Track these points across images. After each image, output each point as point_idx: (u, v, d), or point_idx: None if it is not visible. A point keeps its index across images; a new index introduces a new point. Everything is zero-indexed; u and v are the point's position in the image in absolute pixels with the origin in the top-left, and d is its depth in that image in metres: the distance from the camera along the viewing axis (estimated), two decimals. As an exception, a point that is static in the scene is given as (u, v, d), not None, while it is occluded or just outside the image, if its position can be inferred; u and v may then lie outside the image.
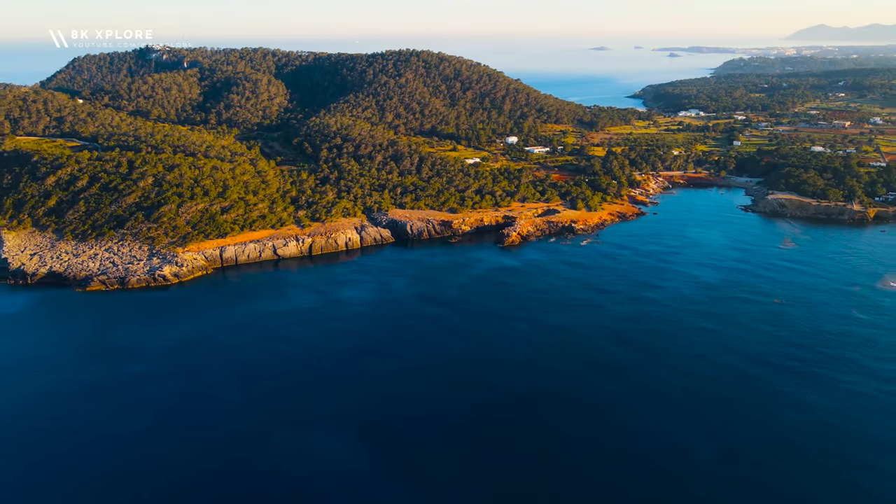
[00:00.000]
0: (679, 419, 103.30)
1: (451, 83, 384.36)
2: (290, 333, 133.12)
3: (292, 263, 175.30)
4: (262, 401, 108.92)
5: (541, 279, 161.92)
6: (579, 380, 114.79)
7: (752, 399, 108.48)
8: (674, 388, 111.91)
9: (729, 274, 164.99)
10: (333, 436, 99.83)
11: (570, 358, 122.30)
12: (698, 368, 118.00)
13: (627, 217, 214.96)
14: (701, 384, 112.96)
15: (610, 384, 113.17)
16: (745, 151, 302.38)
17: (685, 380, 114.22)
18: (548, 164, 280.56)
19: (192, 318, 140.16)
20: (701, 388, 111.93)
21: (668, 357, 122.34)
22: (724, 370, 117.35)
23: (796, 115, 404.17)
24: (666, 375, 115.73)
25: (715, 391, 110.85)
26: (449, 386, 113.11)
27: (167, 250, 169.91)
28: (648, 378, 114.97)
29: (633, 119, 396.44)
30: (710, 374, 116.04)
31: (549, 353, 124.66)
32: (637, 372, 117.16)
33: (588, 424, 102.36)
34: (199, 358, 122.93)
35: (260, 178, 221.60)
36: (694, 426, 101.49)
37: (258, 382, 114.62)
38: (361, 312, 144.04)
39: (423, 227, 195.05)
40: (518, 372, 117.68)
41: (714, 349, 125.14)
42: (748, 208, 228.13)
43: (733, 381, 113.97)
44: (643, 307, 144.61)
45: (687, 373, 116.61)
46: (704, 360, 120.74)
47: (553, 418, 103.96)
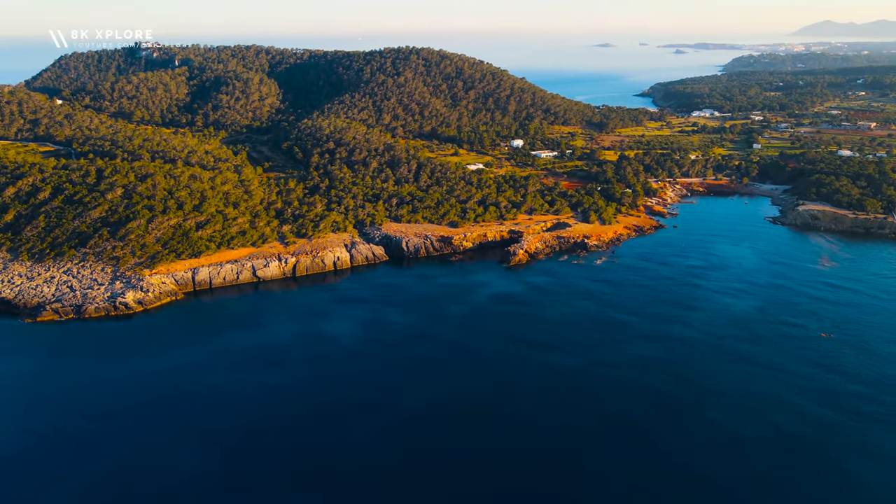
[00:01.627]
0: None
1: (453, 82, 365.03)
2: (262, 378, 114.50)
3: (274, 286, 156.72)
4: (222, 469, 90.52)
5: (551, 308, 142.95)
6: (595, 446, 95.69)
7: (815, 475, 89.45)
8: (711, 458, 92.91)
9: (764, 301, 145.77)
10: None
11: (584, 415, 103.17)
12: (742, 429, 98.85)
13: (645, 231, 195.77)
14: (746, 452, 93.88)
15: (631, 453, 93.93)
16: (767, 155, 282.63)
17: (726, 446, 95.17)
18: (556, 169, 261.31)
19: (151, 357, 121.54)
20: (747, 458, 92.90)
21: (703, 414, 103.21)
22: (775, 432, 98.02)
23: (817, 116, 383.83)
24: (701, 441, 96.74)
25: (765, 464, 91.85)
26: (437, 448, 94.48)
27: (132, 273, 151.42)
28: (679, 444, 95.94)
29: (644, 120, 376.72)
30: (757, 437, 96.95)
31: (558, 407, 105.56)
32: (665, 435, 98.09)
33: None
34: (151, 410, 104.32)
35: (243, 187, 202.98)
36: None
37: (219, 444, 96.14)
38: (347, 351, 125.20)
39: (421, 244, 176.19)
40: (521, 433, 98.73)
41: (758, 401, 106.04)
42: (776, 220, 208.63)
43: (790, 447, 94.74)
44: (669, 346, 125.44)
45: (728, 436, 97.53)
46: (748, 418, 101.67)
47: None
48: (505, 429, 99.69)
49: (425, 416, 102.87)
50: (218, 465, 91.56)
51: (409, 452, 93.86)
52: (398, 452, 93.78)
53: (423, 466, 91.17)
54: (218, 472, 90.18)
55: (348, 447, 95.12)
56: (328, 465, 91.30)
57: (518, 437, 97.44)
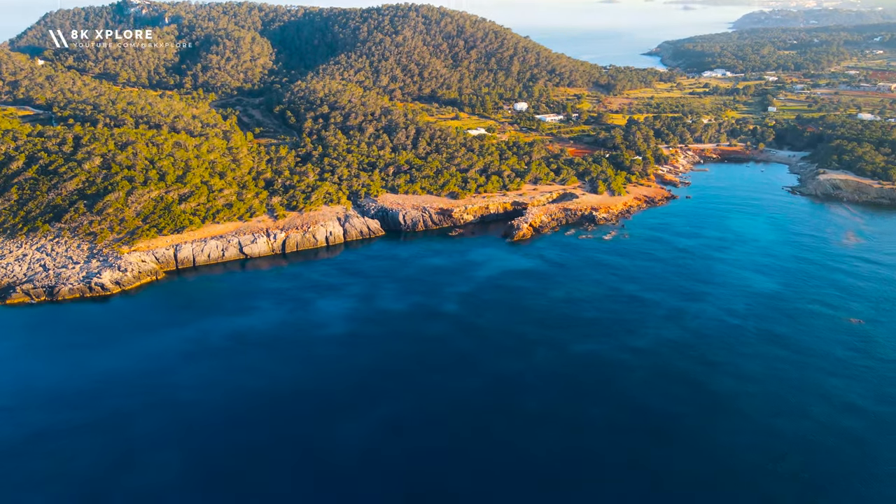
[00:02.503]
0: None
1: (454, 42, 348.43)
2: (247, 367, 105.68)
3: (262, 264, 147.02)
4: (208, 469, 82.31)
5: (560, 286, 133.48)
6: (616, 445, 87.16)
7: (863, 473, 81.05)
8: (748, 458, 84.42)
9: (787, 278, 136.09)
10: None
11: (603, 408, 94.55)
12: (777, 424, 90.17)
13: (656, 202, 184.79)
14: (787, 451, 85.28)
15: (659, 449, 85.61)
16: (783, 119, 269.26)
17: (762, 444, 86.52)
18: (562, 135, 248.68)
19: (127, 344, 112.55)
20: (787, 455, 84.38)
21: (732, 405, 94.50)
22: (814, 425, 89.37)
23: (834, 76, 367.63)
24: (731, 435, 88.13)
25: (807, 463, 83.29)
26: (438, 452, 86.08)
27: (110, 250, 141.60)
28: (709, 442, 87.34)
29: (654, 81, 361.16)
30: (792, 433, 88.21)
31: (574, 398, 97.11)
32: (692, 431, 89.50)
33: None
34: (128, 403, 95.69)
35: (231, 156, 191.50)
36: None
37: (203, 441, 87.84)
38: (339, 335, 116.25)
39: (419, 217, 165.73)
40: (535, 430, 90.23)
41: (793, 391, 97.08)
42: (795, 190, 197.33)
43: (832, 444, 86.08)
44: (690, 327, 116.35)
45: (761, 431, 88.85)
46: (783, 410, 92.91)
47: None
48: (512, 426, 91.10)
49: (421, 413, 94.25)
50: (195, 463, 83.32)
51: (408, 458, 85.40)
52: (397, 459, 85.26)
53: (421, 477, 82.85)
54: (197, 470, 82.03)
55: (342, 448, 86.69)
56: (320, 467, 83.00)
57: (528, 434, 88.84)
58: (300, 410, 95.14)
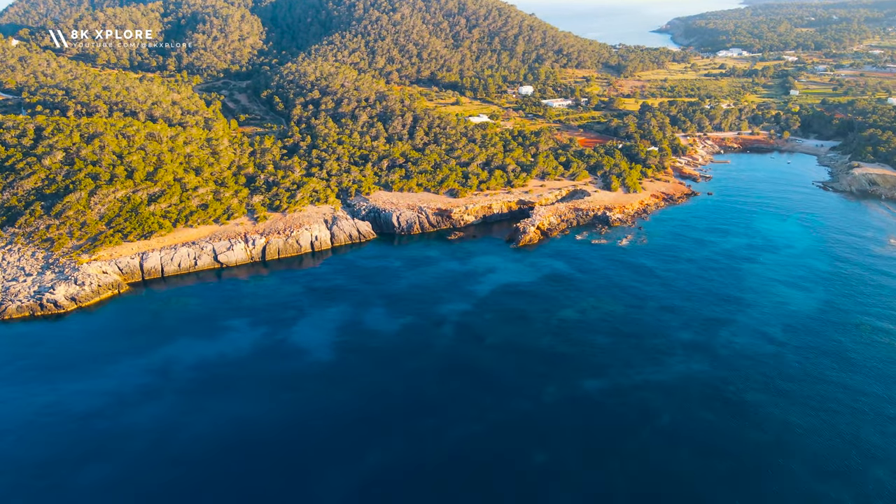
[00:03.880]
0: None
1: (455, 20, 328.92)
2: (213, 407, 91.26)
3: (240, 273, 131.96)
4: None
5: (571, 303, 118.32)
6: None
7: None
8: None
9: (829, 292, 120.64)
10: None
11: (623, 468, 79.96)
12: (831, 491, 75.50)
13: (675, 199, 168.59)
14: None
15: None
16: (808, 104, 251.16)
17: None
18: (570, 122, 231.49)
19: (75, 376, 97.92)
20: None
21: (775, 463, 79.78)
22: (877, 487, 74.81)
23: (857, 56, 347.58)
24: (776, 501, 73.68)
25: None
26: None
27: (68, 259, 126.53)
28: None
29: (666, 61, 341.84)
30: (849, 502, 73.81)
31: (590, 454, 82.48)
32: (730, 501, 74.97)
33: None
34: (65, 454, 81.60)
35: (210, 148, 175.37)
36: None
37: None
38: (321, 365, 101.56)
39: (415, 219, 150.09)
40: (545, 492, 75.76)
41: (847, 444, 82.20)
42: (827, 185, 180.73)
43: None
44: (721, 356, 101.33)
45: (812, 499, 74.34)
46: (838, 470, 78.20)
47: None
48: (528, 490, 76.67)
49: (419, 466, 79.88)
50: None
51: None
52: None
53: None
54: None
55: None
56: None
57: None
58: (273, 463, 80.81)
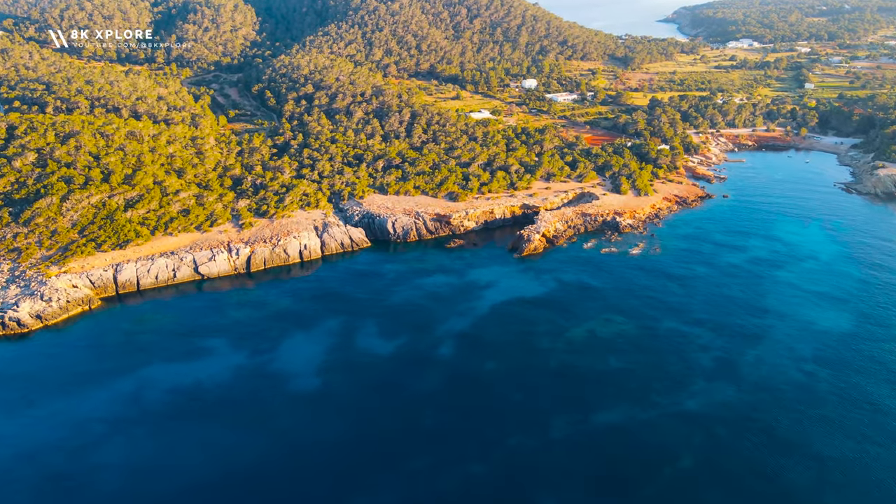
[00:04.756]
0: None
1: (456, 10, 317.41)
2: (190, 441, 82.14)
3: (223, 285, 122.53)
4: None
5: (580, 321, 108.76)
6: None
7: None
8: None
9: (862, 307, 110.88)
10: None
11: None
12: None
13: (689, 203, 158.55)
14: None
15: None
16: (824, 98, 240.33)
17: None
18: (576, 117, 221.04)
19: (37, 406, 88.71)
20: None
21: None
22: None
23: (872, 47, 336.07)
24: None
25: None
26: None
27: (35, 271, 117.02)
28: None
29: (675, 53, 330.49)
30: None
31: (602, 501, 73.35)
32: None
33: None
34: (23, 501, 72.80)
35: (194, 147, 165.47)
36: None
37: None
38: (308, 391, 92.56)
39: (411, 225, 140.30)
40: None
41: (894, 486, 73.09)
42: (850, 187, 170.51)
43: None
44: (748, 382, 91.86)
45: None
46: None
47: None
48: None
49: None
50: None
51: None
52: None
53: None
54: None
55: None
56: None
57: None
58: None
